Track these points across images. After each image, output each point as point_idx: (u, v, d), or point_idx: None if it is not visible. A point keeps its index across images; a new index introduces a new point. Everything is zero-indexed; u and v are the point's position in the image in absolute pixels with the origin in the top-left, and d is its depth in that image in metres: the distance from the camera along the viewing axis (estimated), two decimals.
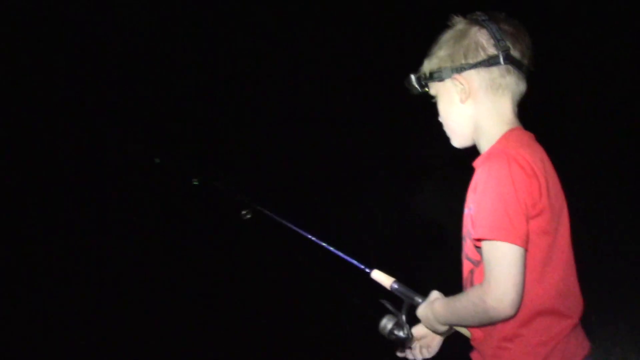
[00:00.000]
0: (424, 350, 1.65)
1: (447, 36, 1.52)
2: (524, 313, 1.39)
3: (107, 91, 4.53)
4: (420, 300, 1.58)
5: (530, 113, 1.58)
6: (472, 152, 1.56)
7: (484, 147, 1.51)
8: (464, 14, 1.53)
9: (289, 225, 1.91)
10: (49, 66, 4.34)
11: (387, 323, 1.63)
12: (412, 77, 1.57)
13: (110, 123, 4.35)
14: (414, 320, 1.60)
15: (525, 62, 1.49)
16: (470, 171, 1.50)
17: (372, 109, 4.31)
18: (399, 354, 1.67)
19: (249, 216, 2.04)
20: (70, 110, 4.31)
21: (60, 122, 4.22)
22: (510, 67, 1.47)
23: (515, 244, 1.34)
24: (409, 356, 1.66)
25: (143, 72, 4.62)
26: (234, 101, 4.96)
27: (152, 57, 4.66)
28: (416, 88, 1.57)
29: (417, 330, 1.63)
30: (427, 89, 1.57)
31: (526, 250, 1.36)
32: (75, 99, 4.35)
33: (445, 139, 1.60)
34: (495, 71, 1.47)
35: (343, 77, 4.72)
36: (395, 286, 1.65)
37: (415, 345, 1.64)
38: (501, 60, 1.46)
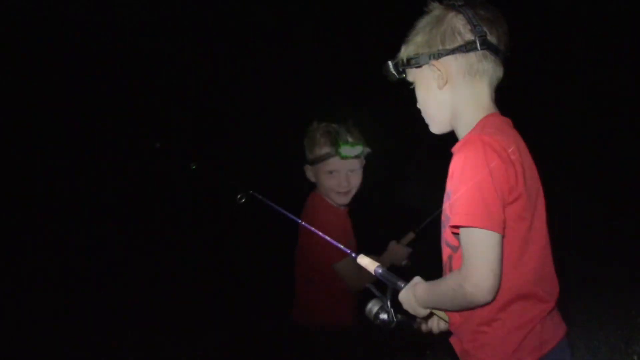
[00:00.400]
0: (442, 323, 1.66)
1: (423, 22, 1.52)
2: (501, 297, 1.40)
3: (109, 81, 4.56)
4: (402, 284, 1.60)
5: (518, 102, 1.57)
6: (452, 138, 1.56)
7: (461, 133, 1.51)
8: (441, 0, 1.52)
9: (281, 210, 1.94)
10: (48, 60, 4.37)
11: (372, 307, 1.67)
12: (390, 64, 1.57)
13: (113, 111, 4.39)
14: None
15: (502, 47, 1.49)
16: (450, 157, 1.50)
17: (351, 97, 4.31)
18: (415, 327, 1.68)
19: (243, 200, 2.09)
20: (72, 101, 4.34)
21: (63, 113, 4.26)
22: (487, 53, 1.47)
23: (492, 230, 1.35)
24: (425, 328, 1.67)
25: (144, 64, 4.64)
26: (233, 90, 4.98)
27: (151, 48, 4.67)
28: (394, 75, 1.57)
29: None
30: (404, 76, 1.57)
31: (503, 236, 1.37)
32: (76, 89, 4.38)
33: (424, 126, 1.60)
34: (472, 57, 1.47)
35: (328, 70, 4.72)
36: (379, 271, 1.66)
37: (433, 317, 1.66)
38: (478, 45, 1.46)
